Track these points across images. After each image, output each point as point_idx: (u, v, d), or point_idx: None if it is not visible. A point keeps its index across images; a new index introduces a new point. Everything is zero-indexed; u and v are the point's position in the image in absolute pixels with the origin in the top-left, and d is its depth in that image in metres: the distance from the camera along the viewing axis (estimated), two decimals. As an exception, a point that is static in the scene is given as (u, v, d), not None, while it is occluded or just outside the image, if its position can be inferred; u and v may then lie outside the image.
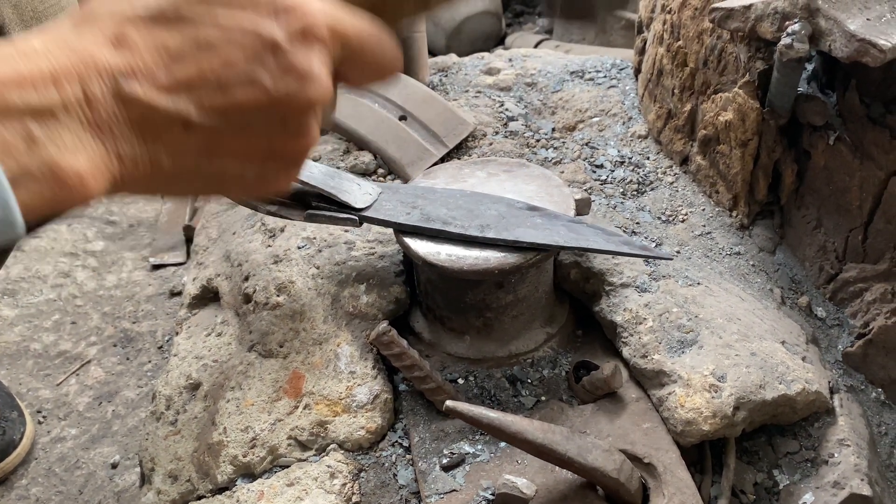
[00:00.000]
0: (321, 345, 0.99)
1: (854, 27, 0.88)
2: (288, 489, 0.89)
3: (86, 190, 0.40)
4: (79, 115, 0.39)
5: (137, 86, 0.41)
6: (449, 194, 0.99)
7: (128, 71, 0.41)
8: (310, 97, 0.46)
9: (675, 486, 0.84)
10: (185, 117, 0.42)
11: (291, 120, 0.46)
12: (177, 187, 0.47)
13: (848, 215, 1.06)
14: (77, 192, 0.39)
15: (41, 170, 0.38)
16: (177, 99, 0.42)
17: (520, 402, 0.96)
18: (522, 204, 0.97)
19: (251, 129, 0.45)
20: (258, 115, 0.45)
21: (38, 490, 1.34)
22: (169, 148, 0.43)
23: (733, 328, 0.97)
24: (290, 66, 0.44)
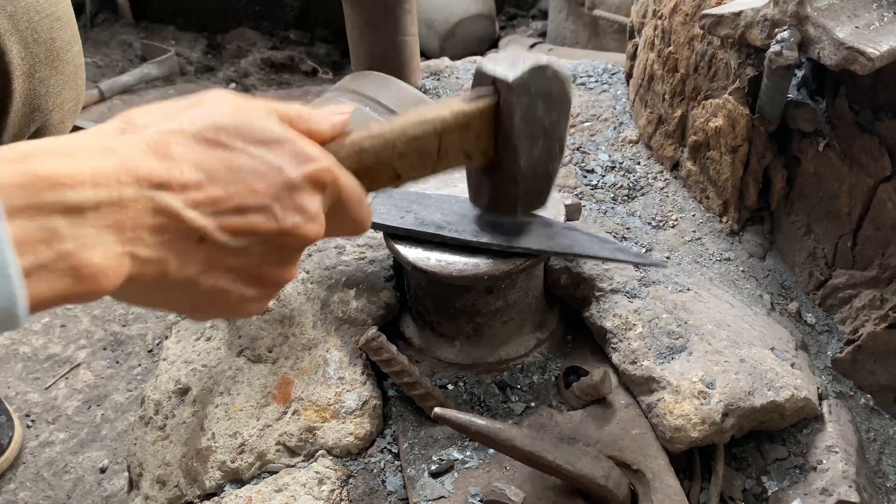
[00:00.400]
0: (310, 350, 0.99)
1: (843, 35, 0.88)
2: (276, 495, 0.89)
3: (99, 285, 0.41)
4: (105, 215, 0.41)
5: (172, 198, 0.44)
6: (443, 199, 0.99)
7: (165, 182, 0.44)
8: (307, 234, 0.51)
9: (664, 492, 0.84)
10: (203, 232, 0.46)
11: (286, 250, 0.51)
12: (173, 296, 0.49)
13: (837, 222, 1.06)
14: (91, 286, 0.41)
15: (59, 263, 0.39)
16: (203, 215, 0.45)
17: (509, 408, 0.96)
18: None
19: (251, 252, 0.49)
20: (262, 241, 0.49)
21: (26, 494, 1.33)
22: (180, 256, 0.46)
23: (723, 334, 0.97)
24: (300, 204, 0.50)
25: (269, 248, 0.50)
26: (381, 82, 1.39)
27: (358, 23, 1.43)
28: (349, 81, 1.43)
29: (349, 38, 1.48)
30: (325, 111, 0.59)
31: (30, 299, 0.38)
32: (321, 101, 1.41)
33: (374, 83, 1.39)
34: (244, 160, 0.47)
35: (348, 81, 1.43)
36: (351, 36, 1.46)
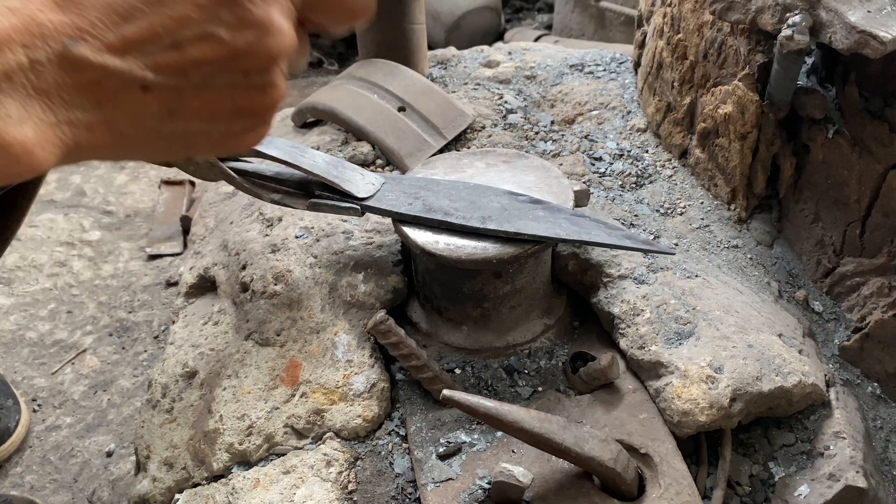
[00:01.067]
0: (318, 333, 0.99)
1: (854, 19, 0.88)
2: (284, 477, 0.89)
3: (33, 160, 0.38)
4: (24, 84, 0.37)
5: (86, 48, 0.39)
6: (452, 186, 0.99)
7: (74, 32, 0.38)
8: (271, 49, 0.44)
9: (671, 476, 0.84)
10: (140, 78, 0.40)
11: (254, 74, 0.44)
12: (140, 151, 0.46)
13: (846, 209, 1.06)
14: (24, 163, 0.38)
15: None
16: (129, 59, 0.40)
17: (516, 393, 0.96)
18: (525, 197, 0.97)
19: (212, 87, 0.43)
20: (218, 72, 0.43)
21: (32, 478, 1.33)
22: (127, 111, 0.41)
23: (731, 320, 0.97)
24: (247, 18, 0.42)
25: (232, 76, 0.44)
26: (388, 70, 1.39)
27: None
28: (357, 69, 1.43)
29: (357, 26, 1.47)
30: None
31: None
32: (328, 89, 1.41)
33: (381, 70, 1.39)
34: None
35: (356, 69, 1.43)
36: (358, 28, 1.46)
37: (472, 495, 0.84)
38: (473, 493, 0.84)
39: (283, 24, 0.44)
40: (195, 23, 0.41)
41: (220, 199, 1.39)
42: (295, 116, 1.43)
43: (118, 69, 0.39)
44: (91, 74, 0.39)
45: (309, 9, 0.48)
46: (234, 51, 0.42)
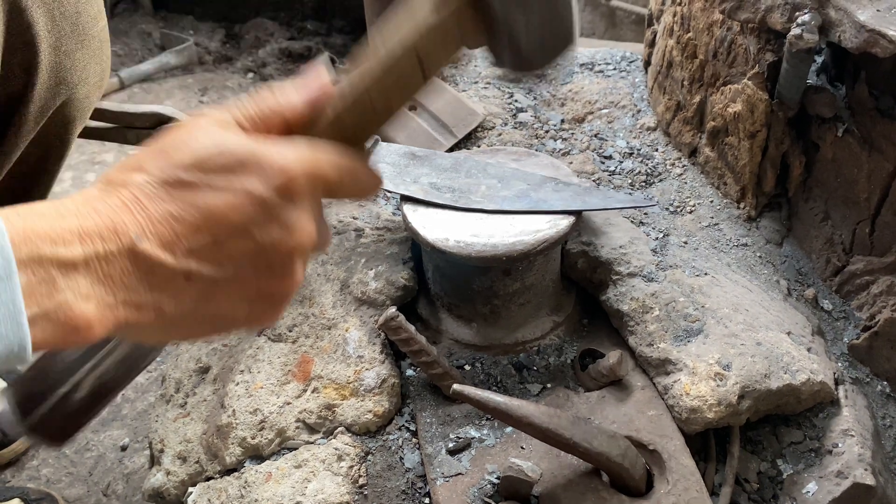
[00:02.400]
0: (330, 330, 1.00)
1: (864, 17, 0.88)
2: (296, 471, 0.90)
3: (91, 332, 0.45)
4: (96, 269, 0.45)
5: (147, 244, 0.47)
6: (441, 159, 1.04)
7: (140, 231, 0.47)
8: (292, 245, 0.52)
9: (680, 472, 0.85)
10: (185, 270, 0.49)
11: (277, 264, 0.52)
12: (178, 330, 0.52)
13: (855, 208, 1.06)
14: (83, 335, 0.45)
15: (57, 313, 0.44)
16: (179, 255, 0.48)
17: (526, 389, 0.97)
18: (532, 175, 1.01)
19: (242, 275, 0.51)
20: (248, 263, 0.51)
21: (48, 471, 1.35)
22: (171, 296, 0.49)
23: (739, 318, 0.98)
24: (276, 219, 0.51)
25: (259, 266, 0.51)
26: (399, 68, 1.40)
27: (378, 10, 1.43)
28: (368, 68, 1.43)
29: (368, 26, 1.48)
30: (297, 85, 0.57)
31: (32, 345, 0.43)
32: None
33: (392, 69, 1.40)
34: (209, 195, 0.49)
35: (367, 68, 1.44)
36: (370, 24, 1.47)
37: (482, 490, 0.84)
38: (483, 488, 0.85)
39: (306, 224, 0.52)
40: (234, 223, 0.49)
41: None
42: (307, 115, 1.44)
43: (169, 262, 0.48)
44: (148, 265, 0.47)
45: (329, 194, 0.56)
46: (263, 246, 0.51)
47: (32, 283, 0.43)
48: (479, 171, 1.02)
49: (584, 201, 0.97)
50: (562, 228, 0.94)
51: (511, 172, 1.02)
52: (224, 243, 0.49)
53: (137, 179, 0.49)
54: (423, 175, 1.01)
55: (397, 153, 1.05)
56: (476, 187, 1.00)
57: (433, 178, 1.01)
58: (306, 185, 0.52)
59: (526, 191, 0.99)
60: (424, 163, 1.04)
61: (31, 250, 0.43)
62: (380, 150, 1.03)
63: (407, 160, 1.04)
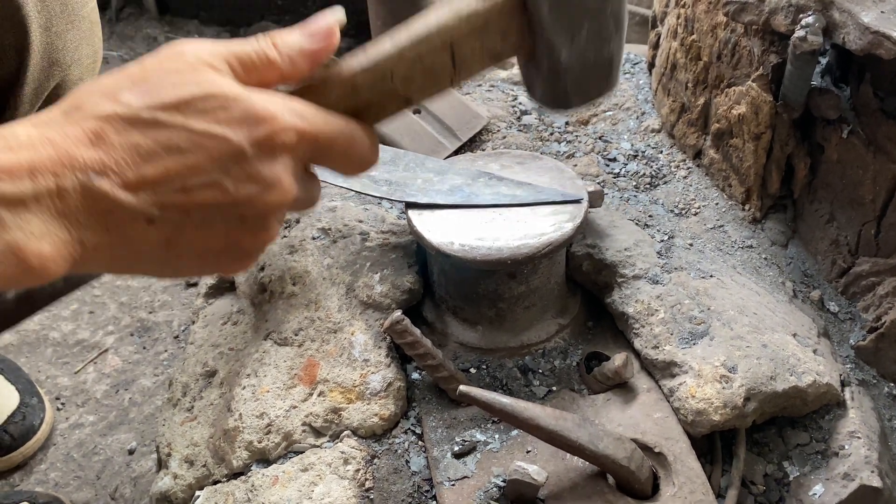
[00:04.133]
0: (336, 333, 1.00)
1: (868, 19, 0.88)
2: (302, 474, 0.91)
3: (46, 271, 0.43)
4: (48, 205, 0.43)
5: (106, 182, 0.44)
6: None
7: (99, 168, 0.44)
8: (270, 202, 0.49)
9: (686, 475, 0.85)
10: (147, 213, 0.46)
11: (251, 219, 0.50)
12: (133, 271, 0.51)
13: (861, 209, 1.06)
14: (37, 273, 0.43)
15: (5, 252, 0.41)
16: (141, 196, 0.45)
17: (531, 392, 0.97)
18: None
19: (210, 226, 0.49)
20: (218, 214, 0.48)
21: (56, 475, 1.36)
22: (130, 239, 0.47)
23: (745, 320, 0.98)
24: (253, 173, 0.48)
25: (230, 219, 0.49)
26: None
27: (382, 14, 1.44)
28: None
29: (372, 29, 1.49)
30: (300, 38, 0.53)
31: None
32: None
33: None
34: (183, 137, 0.46)
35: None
36: (374, 27, 1.48)
37: (488, 493, 0.85)
38: (489, 492, 0.85)
39: (285, 181, 0.50)
40: (205, 172, 0.47)
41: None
42: (312, 119, 1.44)
43: (130, 204, 0.45)
44: (106, 205, 0.45)
45: (317, 159, 0.54)
46: (235, 199, 0.48)
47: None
48: (417, 165, 1.05)
49: (513, 196, 0.99)
50: (566, 231, 0.94)
51: (449, 167, 1.04)
52: (193, 191, 0.47)
53: (106, 108, 0.45)
54: None
55: None
56: (412, 181, 1.02)
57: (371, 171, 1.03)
58: (292, 140, 0.50)
59: (460, 185, 1.01)
60: None
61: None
62: None
63: None
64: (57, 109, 0.47)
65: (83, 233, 0.45)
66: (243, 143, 0.47)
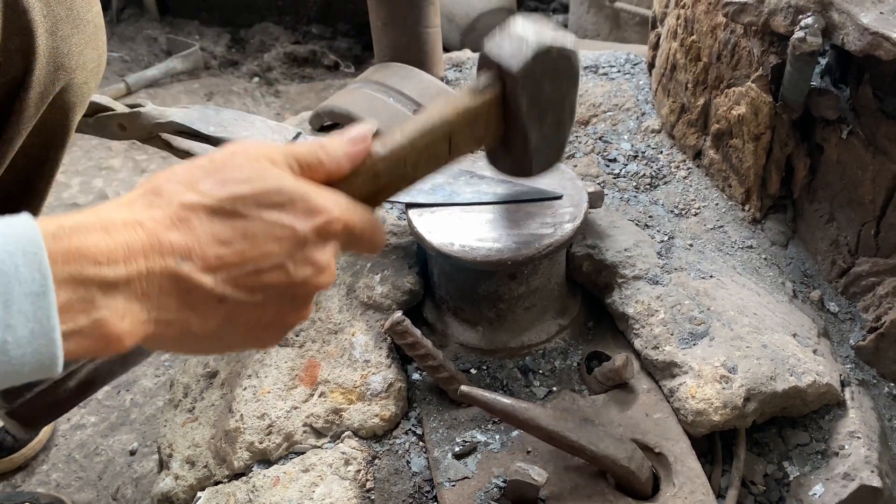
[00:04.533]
0: (336, 334, 1.01)
1: (867, 20, 0.88)
2: (303, 475, 0.91)
3: (121, 345, 0.47)
4: (135, 287, 0.46)
5: (189, 266, 0.48)
6: None
7: (184, 252, 0.48)
8: (319, 283, 0.56)
9: (686, 475, 0.85)
10: (221, 294, 0.50)
11: (300, 298, 0.56)
12: (195, 346, 0.55)
13: (860, 209, 1.06)
14: (114, 347, 0.46)
15: (91, 329, 0.45)
16: (218, 278, 0.50)
17: (532, 393, 0.97)
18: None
19: (268, 303, 0.54)
20: (277, 294, 0.54)
21: (58, 476, 1.36)
22: (201, 315, 0.51)
23: (745, 321, 0.98)
24: (310, 258, 0.54)
25: (284, 299, 0.54)
26: (403, 73, 1.40)
27: (382, 15, 1.44)
28: (373, 73, 1.44)
29: (373, 30, 1.49)
30: (344, 143, 0.62)
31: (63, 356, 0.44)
32: (345, 93, 1.43)
33: (397, 74, 1.40)
34: (258, 226, 0.51)
35: (372, 73, 1.44)
36: (374, 28, 1.48)
37: (488, 494, 0.85)
38: (489, 492, 0.85)
39: (331, 265, 0.57)
40: (275, 256, 0.52)
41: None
42: (312, 120, 1.45)
43: (208, 285, 0.50)
44: (186, 286, 0.49)
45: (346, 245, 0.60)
46: (294, 280, 0.54)
47: (72, 300, 0.44)
48: None
49: (494, 194, 1.00)
50: (566, 232, 0.94)
51: None
52: (262, 273, 0.52)
53: (189, 198, 0.50)
54: None
55: None
56: None
57: None
58: (339, 230, 0.56)
59: (441, 184, 1.01)
60: None
61: (75, 270, 0.44)
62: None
63: None
64: (138, 194, 0.51)
65: (160, 312, 0.48)
66: (306, 232, 0.53)
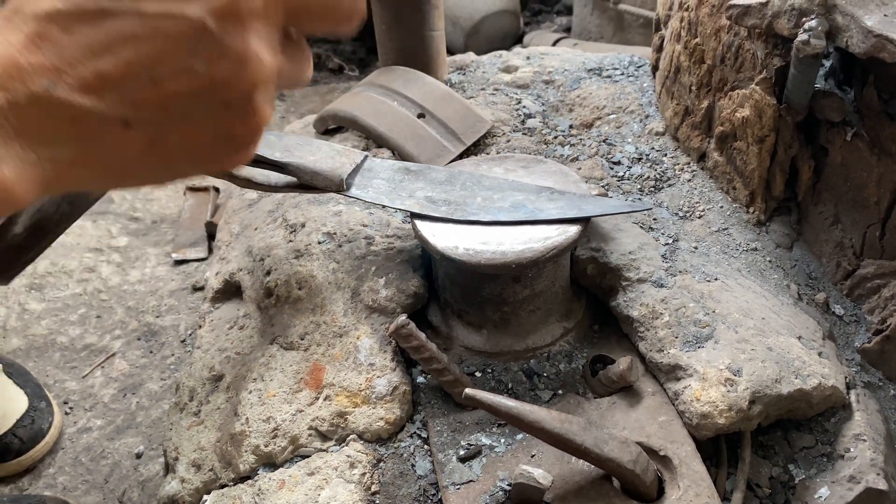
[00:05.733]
0: (341, 337, 1.01)
1: (871, 23, 0.88)
2: (308, 478, 0.91)
3: (12, 197, 0.39)
4: (4, 125, 0.39)
5: (63, 88, 0.39)
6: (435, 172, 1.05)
7: (52, 73, 0.39)
8: (250, 79, 0.44)
9: (691, 478, 0.85)
10: (118, 116, 0.41)
11: (235, 103, 0.44)
12: (124, 180, 0.47)
13: (865, 211, 1.06)
14: (5, 200, 0.39)
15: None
16: (107, 97, 0.40)
17: (536, 396, 0.98)
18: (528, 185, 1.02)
19: (193, 117, 0.44)
20: (197, 104, 0.43)
21: (64, 479, 1.37)
22: (109, 147, 0.42)
23: (749, 323, 0.98)
24: (223, 49, 0.42)
25: (213, 106, 0.44)
26: (407, 77, 1.41)
27: (386, 18, 1.44)
28: (376, 76, 1.45)
29: (377, 33, 1.50)
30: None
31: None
32: (349, 96, 1.43)
33: (400, 77, 1.41)
34: (137, 23, 0.40)
35: (376, 76, 1.45)
36: (378, 31, 1.48)
37: (493, 497, 0.85)
38: (494, 495, 0.85)
39: (261, 52, 0.44)
40: (171, 57, 0.41)
41: (244, 205, 1.42)
42: (317, 123, 1.45)
43: (95, 107, 0.40)
44: (69, 113, 0.40)
45: (294, 23, 0.48)
46: (211, 81, 0.43)
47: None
48: (474, 184, 1.03)
49: (580, 209, 0.98)
50: (571, 235, 0.94)
51: (507, 184, 1.03)
52: (163, 81, 0.41)
53: (44, 5, 0.40)
54: (419, 189, 1.02)
55: (391, 168, 1.05)
56: (472, 199, 1.00)
57: (429, 191, 1.01)
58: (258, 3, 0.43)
59: (522, 201, 0.99)
60: (419, 177, 1.04)
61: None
62: (374, 165, 1.04)
63: (402, 175, 1.04)
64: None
65: (52, 150, 0.40)
66: (204, 18, 0.41)
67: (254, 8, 0.43)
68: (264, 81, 0.45)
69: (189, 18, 0.41)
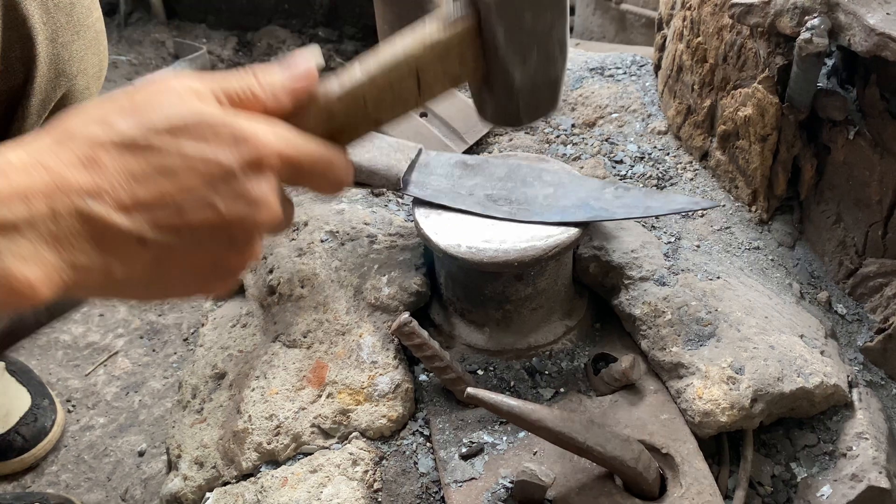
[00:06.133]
0: (344, 335, 1.01)
1: (874, 21, 0.88)
2: (311, 476, 0.91)
3: (35, 295, 0.43)
4: (42, 230, 0.43)
5: (100, 206, 0.45)
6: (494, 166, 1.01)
7: (94, 191, 0.45)
8: (258, 220, 0.51)
9: (693, 476, 0.85)
10: (140, 235, 0.46)
11: (238, 239, 0.51)
12: (125, 293, 0.51)
13: (868, 210, 1.06)
14: (26, 298, 0.43)
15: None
16: (135, 218, 0.46)
17: (538, 394, 0.98)
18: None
19: (200, 246, 0.49)
20: (209, 235, 0.49)
21: (67, 476, 1.37)
22: (123, 260, 0.47)
23: (752, 322, 0.98)
24: (241, 192, 0.49)
25: (220, 239, 0.50)
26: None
27: (389, 18, 1.45)
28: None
29: (379, 33, 1.50)
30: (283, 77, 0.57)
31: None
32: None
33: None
34: (176, 159, 0.47)
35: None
36: (381, 31, 1.49)
37: (495, 494, 0.85)
38: (496, 493, 0.85)
39: (271, 200, 0.51)
40: (198, 192, 0.48)
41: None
42: (319, 122, 1.45)
43: (124, 225, 0.46)
44: (100, 227, 0.45)
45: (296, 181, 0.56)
46: (227, 219, 0.49)
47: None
48: (535, 179, 0.98)
49: (646, 207, 0.95)
50: (573, 233, 0.94)
51: (568, 179, 0.99)
52: (186, 212, 0.48)
53: (98, 134, 0.46)
54: (478, 186, 0.98)
55: (448, 163, 1.01)
56: (534, 198, 0.96)
57: (488, 189, 0.97)
58: (276, 161, 0.51)
59: (585, 199, 0.95)
60: (477, 172, 1.00)
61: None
62: (430, 160, 1.02)
63: (460, 170, 1.00)
64: (47, 135, 0.47)
65: (75, 256, 0.45)
66: (233, 164, 0.49)
67: (273, 164, 0.51)
68: (267, 224, 0.52)
69: (220, 163, 0.48)
